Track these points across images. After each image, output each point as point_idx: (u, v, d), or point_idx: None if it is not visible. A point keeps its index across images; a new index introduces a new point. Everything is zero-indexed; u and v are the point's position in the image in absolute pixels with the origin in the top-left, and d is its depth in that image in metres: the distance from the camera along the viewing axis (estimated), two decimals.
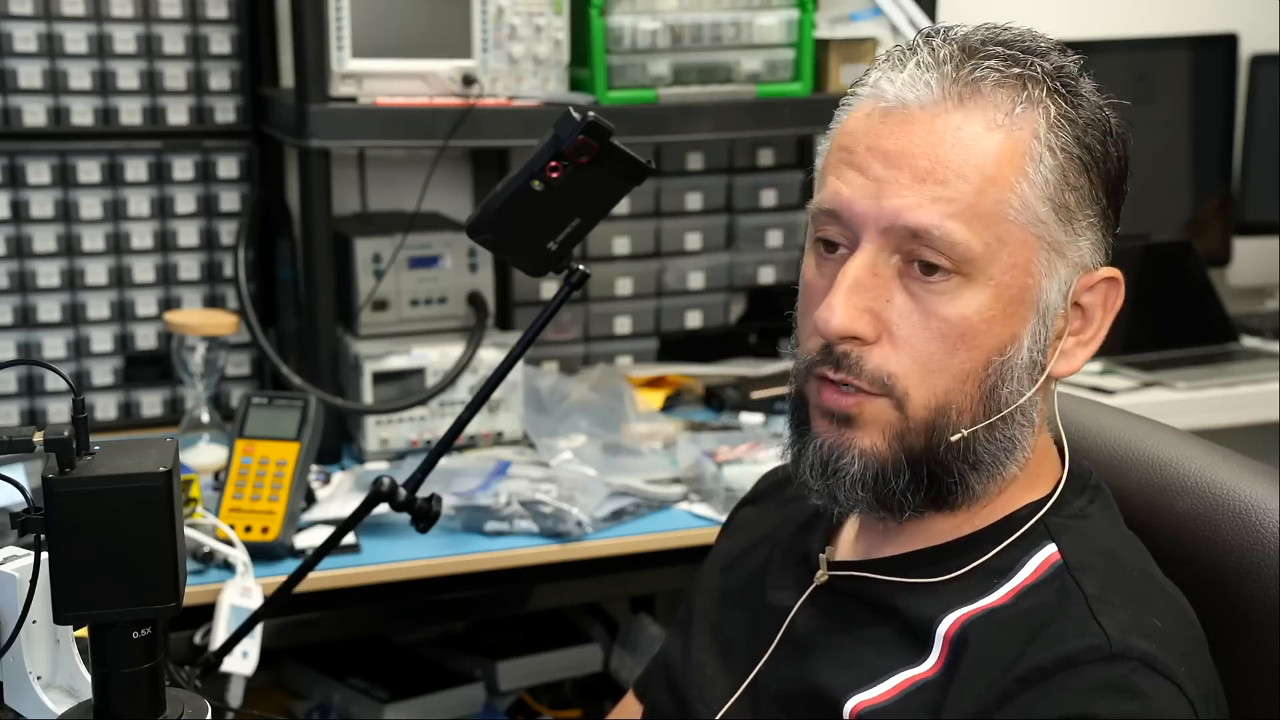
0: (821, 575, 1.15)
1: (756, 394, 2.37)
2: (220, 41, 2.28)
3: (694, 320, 2.56)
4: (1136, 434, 1.28)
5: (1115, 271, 1.07)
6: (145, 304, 2.30)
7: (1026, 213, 1.02)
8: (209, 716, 0.99)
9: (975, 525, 1.09)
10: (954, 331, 1.03)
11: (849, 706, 1.05)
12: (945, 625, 1.04)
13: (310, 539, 1.86)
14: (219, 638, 1.67)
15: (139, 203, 2.27)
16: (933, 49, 1.05)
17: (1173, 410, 2.42)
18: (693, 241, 2.53)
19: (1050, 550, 1.06)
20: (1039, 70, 1.04)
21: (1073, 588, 1.02)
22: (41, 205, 2.22)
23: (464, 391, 2.18)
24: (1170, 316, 2.82)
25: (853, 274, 1.03)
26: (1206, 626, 1.07)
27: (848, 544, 1.17)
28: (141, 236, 2.28)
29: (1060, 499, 1.09)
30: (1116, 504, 1.14)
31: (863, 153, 1.05)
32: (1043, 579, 1.04)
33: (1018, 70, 1.03)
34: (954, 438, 1.04)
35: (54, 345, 2.26)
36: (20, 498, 0.95)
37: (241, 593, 1.73)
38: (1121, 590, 1.03)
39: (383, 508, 1.46)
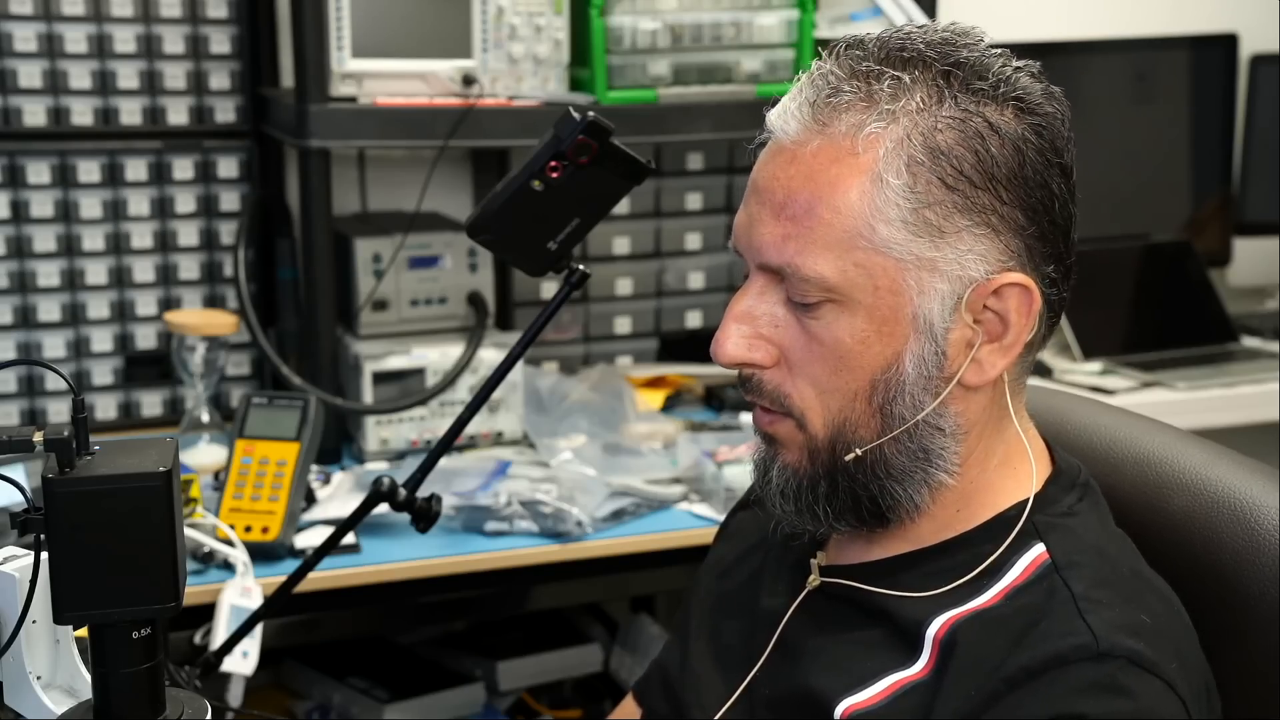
0: (813, 580, 1.15)
1: None
2: (220, 41, 2.28)
3: (694, 320, 2.56)
4: (1133, 432, 1.27)
5: (1019, 277, 1.03)
6: (145, 304, 2.30)
7: (877, 238, 1.02)
8: (209, 716, 1.00)
9: (961, 526, 1.09)
10: (833, 355, 1.05)
11: (839, 710, 1.05)
12: (935, 627, 1.04)
13: (310, 539, 1.86)
14: (219, 638, 1.67)
15: (139, 203, 2.27)
16: (813, 70, 1.07)
17: (1173, 410, 2.41)
18: (693, 241, 2.53)
19: (1039, 550, 1.06)
20: (905, 83, 1.02)
21: (1060, 587, 1.02)
22: (41, 205, 2.22)
23: (464, 391, 2.18)
24: (1170, 316, 2.83)
25: (741, 305, 1.08)
26: (1202, 624, 1.07)
27: (839, 548, 1.18)
28: (141, 236, 2.28)
29: (1048, 497, 1.09)
30: (1107, 501, 1.14)
31: (750, 186, 1.08)
32: (1031, 579, 1.04)
33: (878, 87, 1.02)
34: (855, 453, 1.06)
35: (54, 345, 2.26)
36: (20, 498, 0.96)
37: (241, 593, 1.73)
38: (1110, 588, 1.03)
39: (383, 508, 1.46)
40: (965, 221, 1.02)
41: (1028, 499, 1.08)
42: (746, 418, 2.33)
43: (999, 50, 1.06)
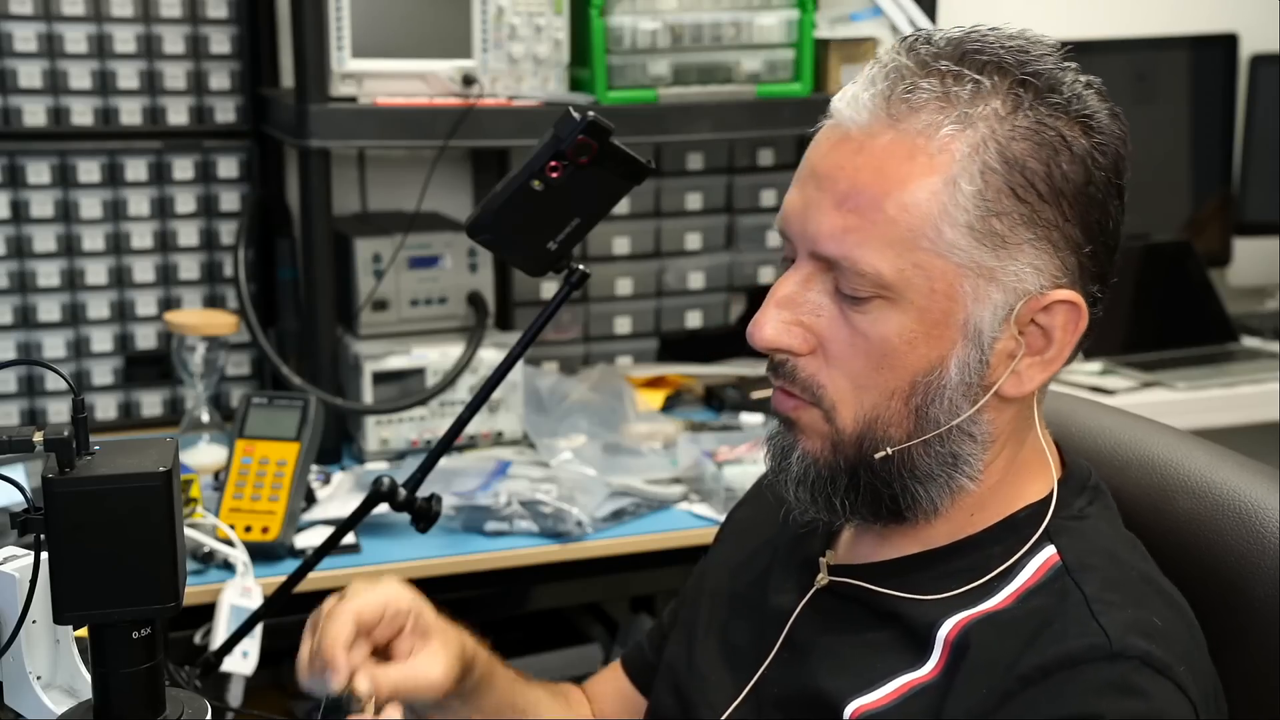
0: (822, 579, 1.15)
1: (756, 394, 2.37)
2: (220, 41, 2.28)
3: (694, 320, 2.56)
4: (1137, 434, 1.27)
5: (1071, 295, 1.04)
6: (145, 304, 2.30)
7: (942, 241, 1.01)
8: (209, 716, 1.00)
9: (974, 528, 1.09)
10: (877, 351, 1.04)
11: (849, 710, 1.05)
12: (946, 629, 1.04)
13: (310, 539, 1.86)
14: (219, 638, 1.67)
15: (139, 203, 2.27)
16: (884, 62, 1.05)
17: (1173, 410, 2.42)
18: (693, 241, 2.53)
19: (1049, 552, 1.06)
20: (986, 87, 1.01)
21: (1073, 589, 1.02)
22: (41, 205, 2.22)
23: (464, 391, 2.18)
24: (1170, 316, 2.83)
25: (784, 290, 1.07)
26: (1207, 627, 1.07)
27: (848, 547, 1.17)
28: (141, 236, 2.28)
29: (1059, 500, 1.09)
30: (1116, 504, 1.14)
31: (807, 170, 1.07)
32: (1043, 581, 1.04)
33: (957, 89, 1.01)
34: (884, 452, 1.05)
35: (54, 345, 2.26)
36: (20, 498, 0.95)
37: (241, 593, 1.73)
38: (1121, 590, 1.03)
39: (383, 508, 1.46)
40: (1028, 234, 1.02)
41: (1039, 502, 1.09)
42: (747, 418, 2.33)
43: (1070, 65, 1.06)
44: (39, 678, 1.03)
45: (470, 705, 1.24)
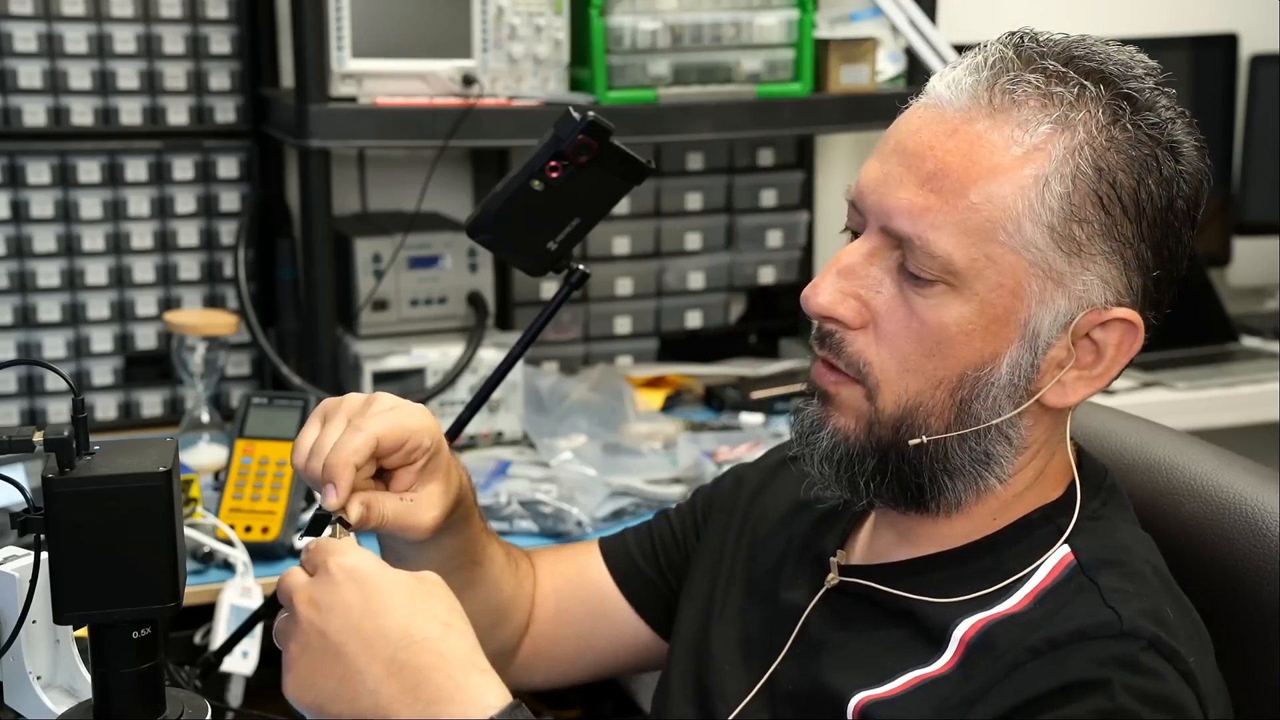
0: (832, 579, 1.15)
1: (756, 394, 2.37)
2: (220, 41, 2.28)
3: (694, 320, 2.56)
4: (1143, 438, 1.28)
5: (1132, 315, 1.04)
6: (145, 304, 2.30)
7: (1020, 237, 1.01)
8: (209, 716, 1.00)
9: (989, 529, 1.09)
10: (931, 337, 1.03)
11: (854, 701, 1.05)
12: (962, 629, 1.04)
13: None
14: (219, 638, 1.67)
15: (139, 203, 2.27)
16: (989, 51, 1.05)
17: (1173, 410, 2.42)
18: (693, 241, 2.53)
19: (1064, 552, 1.06)
20: (1090, 94, 1.02)
21: (1088, 584, 1.03)
22: (41, 205, 2.22)
23: (464, 391, 2.18)
24: (1170, 316, 2.81)
25: (846, 259, 1.06)
26: (1215, 629, 1.07)
27: (863, 544, 1.17)
28: (141, 236, 2.28)
29: (1074, 501, 1.09)
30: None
31: (890, 144, 1.06)
32: (1058, 581, 1.04)
33: (1061, 90, 1.01)
34: (920, 439, 1.05)
35: (54, 345, 2.26)
36: (20, 498, 0.96)
37: (241, 593, 1.73)
38: (1135, 583, 1.03)
39: None
40: (1105, 246, 1.02)
41: (1053, 503, 1.09)
42: (747, 418, 2.33)
43: (1168, 90, 1.06)
44: (39, 678, 1.03)
45: (435, 547, 1.20)
